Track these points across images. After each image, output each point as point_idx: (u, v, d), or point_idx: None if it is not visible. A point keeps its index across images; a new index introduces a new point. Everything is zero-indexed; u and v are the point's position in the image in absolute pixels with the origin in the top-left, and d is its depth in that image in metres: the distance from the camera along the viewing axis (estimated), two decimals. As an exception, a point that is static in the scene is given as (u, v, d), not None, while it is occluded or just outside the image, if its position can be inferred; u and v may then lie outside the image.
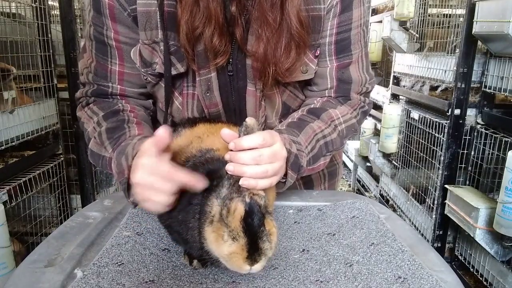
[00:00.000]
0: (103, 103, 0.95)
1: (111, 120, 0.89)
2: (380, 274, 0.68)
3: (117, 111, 0.92)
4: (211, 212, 0.62)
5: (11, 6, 2.15)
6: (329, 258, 0.73)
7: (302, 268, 0.70)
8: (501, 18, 1.76)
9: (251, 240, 0.59)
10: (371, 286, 0.65)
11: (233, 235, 0.59)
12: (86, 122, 0.94)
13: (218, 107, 0.96)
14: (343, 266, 0.70)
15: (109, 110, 0.92)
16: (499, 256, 1.87)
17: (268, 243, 0.60)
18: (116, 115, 0.91)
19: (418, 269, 0.68)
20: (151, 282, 0.66)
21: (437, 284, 0.65)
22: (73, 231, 0.83)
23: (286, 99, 1.01)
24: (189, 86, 0.96)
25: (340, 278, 0.67)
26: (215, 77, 0.93)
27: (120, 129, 0.86)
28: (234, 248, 0.59)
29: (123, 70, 0.94)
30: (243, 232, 0.59)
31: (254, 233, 0.59)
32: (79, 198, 2.57)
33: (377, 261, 0.72)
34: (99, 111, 0.93)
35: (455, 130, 2.24)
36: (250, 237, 0.59)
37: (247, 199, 0.60)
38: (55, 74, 2.32)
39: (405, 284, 0.65)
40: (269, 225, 0.62)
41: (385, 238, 0.79)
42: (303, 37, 0.88)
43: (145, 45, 0.90)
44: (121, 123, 0.88)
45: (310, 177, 1.13)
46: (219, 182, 0.64)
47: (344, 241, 0.79)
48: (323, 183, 1.17)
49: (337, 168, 1.20)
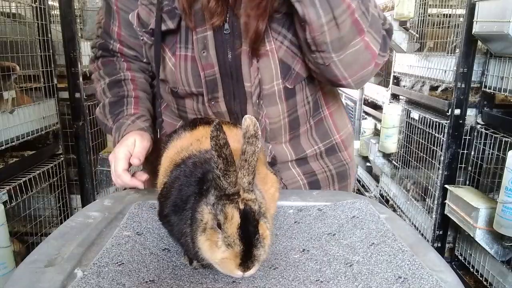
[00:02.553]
0: (108, 66, 1.10)
1: (113, 92, 1.07)
2: (380, 274, 0.68)
3: (119, 81, 1.07)
4: (202, 220, 0.62)
5: (11, 6, 2.15)
6: (329, 258, 0.73)
7: (302, 268, 0.70)
8: (501, 18, 1.76)
9: (246, 248, 0.58)
10: (371, 286, 0.65)
11: (229, 241, 0.58)
12: (96, 82, 1.12)
13: (214, 68, 0.95)
14: (343, 266, 0.70)
15: (113, 78, 1.08)
16: (499, 256, 1.87)
17: (262, 248, 0.60)
18: (118, 86, 1.07)
19: (418, 269, 0.68)
20: (151, 282, 0.66)
21: (437, 284, 0.65)
22: (73, 231, 0.83)
23: (283, 56, 0.95)
24: (181, 47, 0.96)
25: (340, 278, 0.67)
26: (211, 35, 0.93)
27: (120, 105, 1.04)
28: (227, 255, 0.59)
29: (120, 32, 1.06)
30: (239, 239, 0.58)
31: (250, 241, 0.59)
32: (79, 198, 2.57)
33: (377, 261, 0.72)
34: (105, 77, 1.09)
35: (455, 130, 2.24)
36: (246, 245, 0.58)
37: (241, 206, 0.59)
38: (55, 74, 2.32)
39: (405, 284, 0.65)
40: (262, 229, 0.61)
41: (385, 238, 0.79)
42: None
43: (143, 6, 0.97)
44: (120, 98, 1.05)
45: (316, 177, 1.10)
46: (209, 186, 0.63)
47: (344, 241, 0.79)
48: (332, 185, 1.12)
49: (347, 168, 1.14)
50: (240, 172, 0.59)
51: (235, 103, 0.99)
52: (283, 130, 1.04)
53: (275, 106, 0.99)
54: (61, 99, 2.41)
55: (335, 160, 1.12)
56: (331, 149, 1.11)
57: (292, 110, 1.02)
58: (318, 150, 1.09)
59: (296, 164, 1.08)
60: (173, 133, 0.92)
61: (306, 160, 1.09)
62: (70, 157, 2.54)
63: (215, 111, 1.01)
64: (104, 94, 1.08)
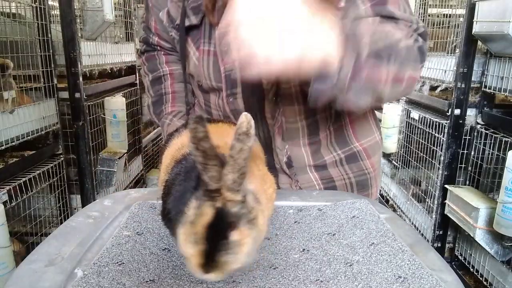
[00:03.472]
0: (150, 62, 1.18)
1: (154, 90, 1.16)
2: (380, 273, 0.68)
3: (159, 78, 1.16)
4: (186, 213, 0.59)
5: (11, 6, 2.16)
6: (329, 257, 0.73)
7: (302, 268, 0.70)
8: (501, 18, 1.76)
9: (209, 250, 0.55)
10: (371, 286, 0.65)
11: (195, 239, 0.56)
12: (143, 77, 1.22)
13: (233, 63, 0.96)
14: (343, 266, 0.70)
15: (154, 74, 1.16)
16: (499, 256, 1.87)
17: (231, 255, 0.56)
18: (158, 83, 1.15)
19: (418, 268, 0.68)
20: (152, 282, 0.66)
21: (437, 283, 0.65)
22: (73, 230, 0.83)
23: None
24: (205, 42, 0.99)
25: (340, 277, 0.67)
26: None
27: (160, 103, 1.14)
28: (192, 252, 0.56)
29: (156, 27, 1.13)
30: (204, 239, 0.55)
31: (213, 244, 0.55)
32: (79, 198, 2.57)
33: (377, 260, 0.72)
34: (148, 73, 1.18)
35: (455, 130, 2.24)
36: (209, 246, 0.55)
37: (217, 205, 0.55)
38: (55, 74, 2.32)
39: (405, 283, 0.65)
40: (240, 235, 0.56)
41: (385, 238, 0.79)
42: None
43: (173, 2, 1.02)
44: (160, 97, 1.14)
45: (334, 183, 1.05)
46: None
47: (344, 241, 0.79)
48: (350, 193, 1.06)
49: (368, 178, 1.06)
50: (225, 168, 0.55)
51: (253, 101, 0.99)
52: (301, 132, 1.02)
53: (291, 106, 0.98)
54: (61, 99, 2.41)
55: (356, 168, 1.06)
56: (352, 156, 1.06)
57: (310, 113, 1.00)
58: (338, 157, 1.05)
59: (314, 169, 1.05)
60: (175, 132, 0.92)
61: (325, 166, 1.05)
62: (70, 157, 2.54)
63: (232, 108, 1.01)
64: (149, 92, 1.18)
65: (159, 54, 1.17)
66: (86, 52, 2.47)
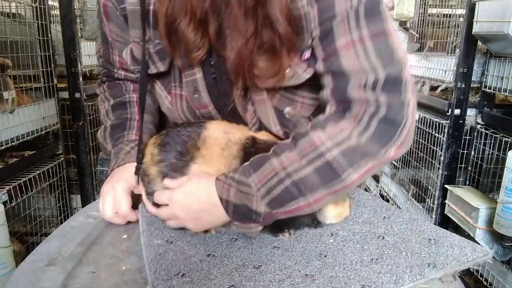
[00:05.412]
0: (114, 88, 1.06)
1: (116, 114, 1.02)
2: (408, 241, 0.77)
3: (123, 103, 1.03)
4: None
5: (11, 6, 2.16)
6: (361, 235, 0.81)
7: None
8: (501, 18, 1.76)
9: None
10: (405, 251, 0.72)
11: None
12: (100, 104, 1.08)
13: (208, 108, 0.92)
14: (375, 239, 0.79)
15: (117, 100, 1.04)
16: (499, 256, 1.87)
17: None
18: (122, 109, 1.03)
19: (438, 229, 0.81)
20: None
21: (461, 240, 0.76)
22: (74, 230, 0.83)
23: (278, 104, 0.88)
24: (176, 86, 0.93)
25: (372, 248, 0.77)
26: (201, 78, 0.88)
27: (121, 128, 0.99)
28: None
29: (121, 61, 1.01)
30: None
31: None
32: (79, 198, 2.57)
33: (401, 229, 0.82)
34: (110, 98, 1.05)
35: (455, 130, 2.24)
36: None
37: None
38: (55, 74, 2.32)
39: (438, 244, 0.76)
40: None
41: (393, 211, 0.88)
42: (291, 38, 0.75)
43: (135, 43, 0.91)
44: (123, 121, 1.01)
45: None
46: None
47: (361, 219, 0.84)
48: None
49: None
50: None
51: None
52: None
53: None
54: (61, 99, 2.41)
55: None
56: None
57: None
58: None
59: None
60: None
61: None
62: (70, 157, 2.54)
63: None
64: (107, 116, 1.03)
65: (126, 83, 1.06)
66: (86, 52, 2.47)
